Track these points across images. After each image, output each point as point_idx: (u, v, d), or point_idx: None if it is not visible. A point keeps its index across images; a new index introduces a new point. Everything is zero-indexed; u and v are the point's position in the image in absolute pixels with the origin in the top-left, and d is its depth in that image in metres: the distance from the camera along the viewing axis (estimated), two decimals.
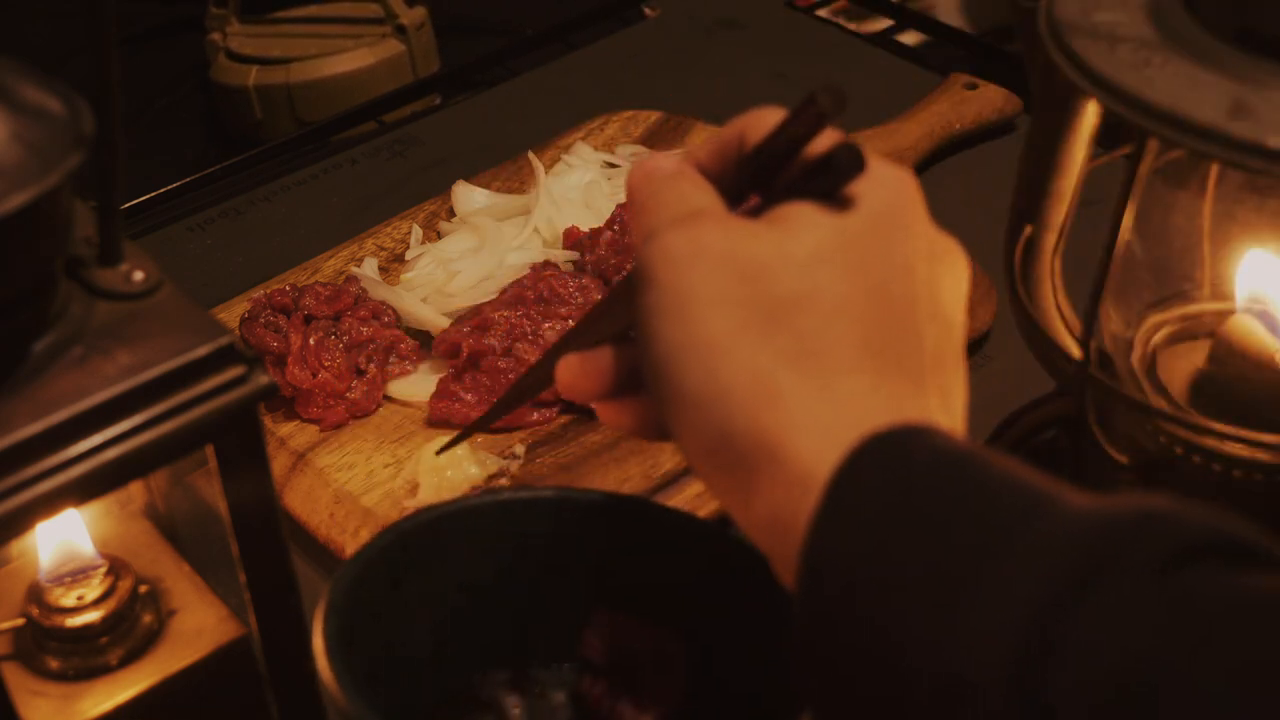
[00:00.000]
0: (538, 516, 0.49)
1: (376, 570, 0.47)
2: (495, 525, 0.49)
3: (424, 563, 0.48)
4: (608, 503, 0.50)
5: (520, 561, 0.50)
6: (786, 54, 1.04)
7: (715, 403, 0.38)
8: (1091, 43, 0.47)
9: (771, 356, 0.38)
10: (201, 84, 1.15)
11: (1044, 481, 0.35)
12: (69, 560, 0.49)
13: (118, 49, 0.38)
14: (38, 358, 0.39)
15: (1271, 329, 0.54)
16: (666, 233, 0.40)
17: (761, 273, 0.39)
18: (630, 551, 0.49)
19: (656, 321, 0.39)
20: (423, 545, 0.48)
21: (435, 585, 0.48)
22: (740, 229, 0.40)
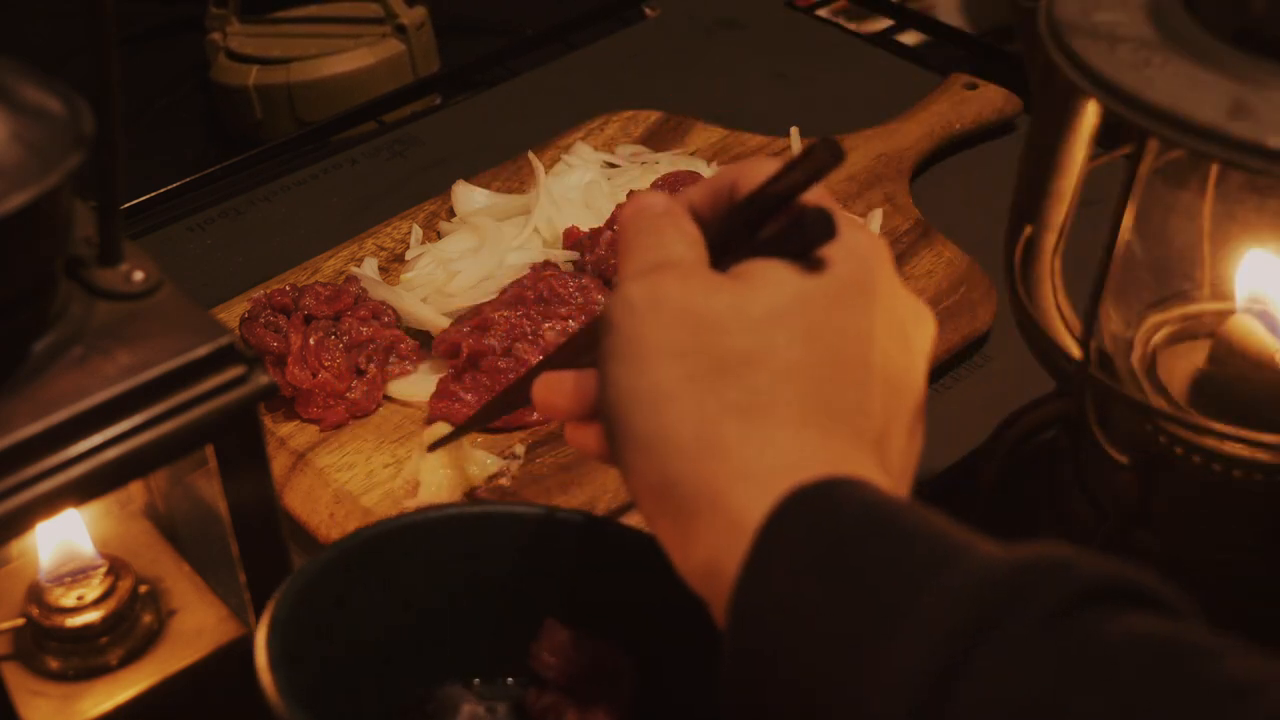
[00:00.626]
0: (483, 533, 0.50)
1: (320, 588, 0.46)
2: (440, 542, 0.49)
3: (368, 580, 0.48)
4: (556, 519, 0.50)
5: (467, 577, 0.50)
6: (786, 54, 1.04)
7: (660, 447, 0.39)
8: (1091, 43, 0.47)
9: (718, 407, 0.39)
10: (201, 84, 1.15)
11: (960, 534, 0.36)
12: (69, 560, 0.49)
13: (118, 49, 0.38)
14: (38, 358, 0.39)
15: (1271, 329, 0.54)
16: (631, 282, 0.42)
17: (715, 327, 0.40)
18: (579, 568, 0.50)
19: (612, 365, 0.41)
20: (366, 563, 0.48)
21: (380, 602, 0.49)
22: (701, 284, 0.41)
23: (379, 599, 0.49)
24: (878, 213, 0.83)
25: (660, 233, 0.43)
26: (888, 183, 0.86)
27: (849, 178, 0.87)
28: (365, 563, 0.48)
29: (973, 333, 0.76)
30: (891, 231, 0.82)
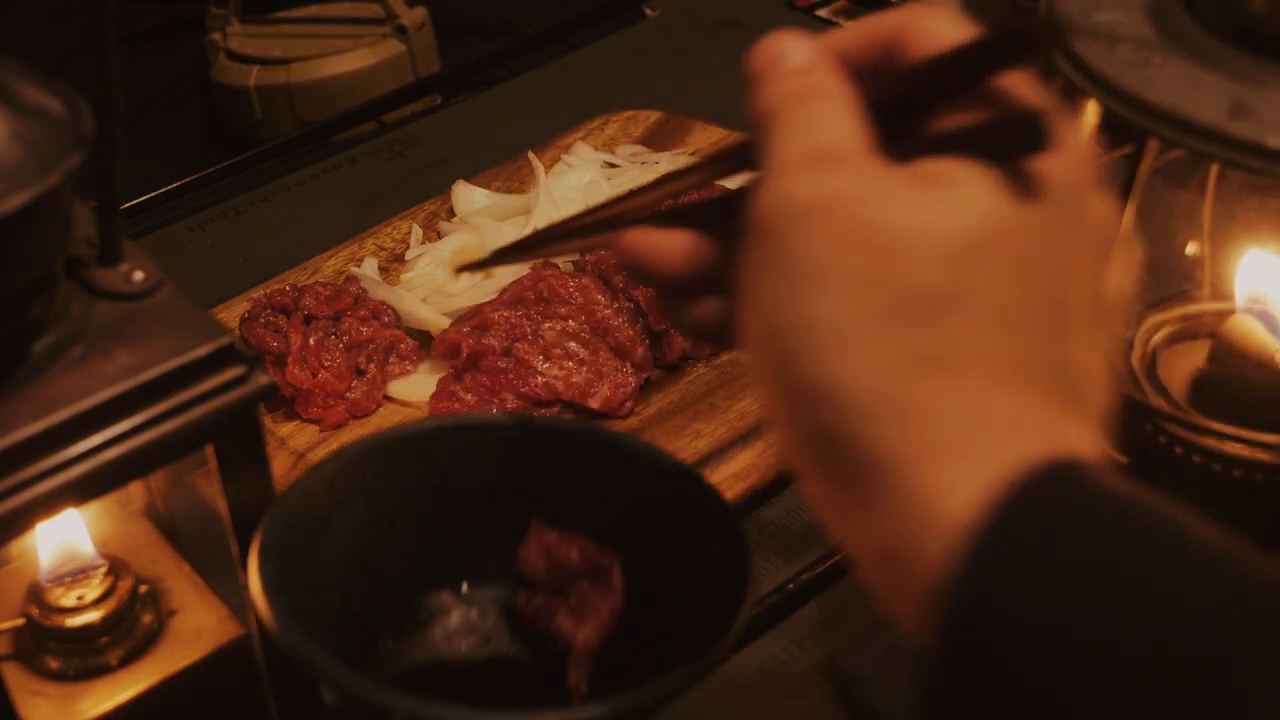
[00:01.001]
0: (461, 444, 0.49)
1: (304, 512, 0.46)
2: (419, 455, 0.49)
3: (351, 498, 0.48)
4: (532, 426, 0.50)
5: (448, 488, 0.50)
6: None
7: (828, 400, 0.32)
8: (1091, 43, 0.47)
9: (903, 358, 0.32)
10: (201, 84, 1.15)
11: (1238, 549, 0.30)
12: (69, 560, 0.49)
13: (118, 49, 0.38)
14: (38, 358, 0.39)
15: (1271, 329, 0.54)
16: (793, 174, 0.33)
17: (906, 252, 0.32)
18: (559, 472, 0.50)
19: (766, 284, 0.33)
20: (347, 482, 0.48)
21: (365, 519, 0.48)
22: (886, 186, 0.33)
23: (363, 516, 0.48)
24: None
25: (819, 110, 0.35)
26: None
27: None
28: (347, 481, 0.48)
29: None
30: None
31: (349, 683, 0.40)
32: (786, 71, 0.37)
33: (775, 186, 0.34)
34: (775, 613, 0.62)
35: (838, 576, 0.64)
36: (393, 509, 0.49)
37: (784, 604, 0.62)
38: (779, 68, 0.37)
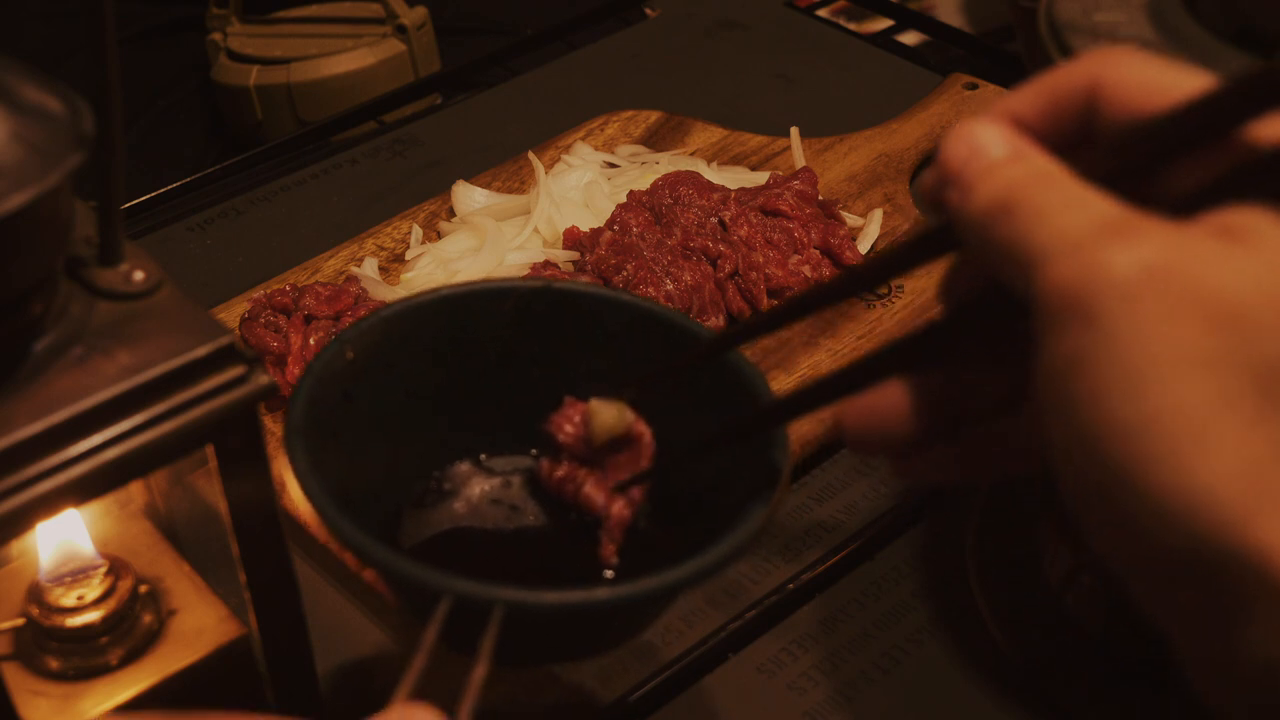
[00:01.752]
0: (479, 310, 0.49)
1: (327, 387, 0.46)
2: (437, 323, 0.49)
3: (371, 370, 0.48)
4: (552, 291, 0.50)
5: (467, 356, 0.50)
6: (786, 54, 1.04)
7: (1190, 506, 0.28)
8: (1091, 43, 0.47)
9: (1270, 443, 0.28)
10: (202, 84, 1.15)
11: None
12: (69, 560, 0.49)
13: (118, 49, 0.38)
14: (38, 358, 0.39)
15: None
16: (1093, 251, 0.29)
17: (1252, 320, 0.28)
18: (587, 342, 0.50)
19: (1088, 381, 0.29)
20: (367, 354, 0.48)
21: (385, 390, 0.49)
22: (1201, 249, 0.29)
23: (384, 387, 0.48)
24: (878, 213, 0.83)
25: (1060, 181, 0.32)
26: (888, 183, 0.86)
27: (849, 177, 0.87)
28: (366, 354, 0.48)
29: None
30: (891, 231, 0.82)
31: (400, 568, 0.41)
32: (998, 163, 0.33)
33: (1076, 268, 0.29)
34: (775, 613, 0.62)
35: (838, 576, 0.64)
36: (411, 379, 0.49)
37: (784, 604, 0.62)
38: (984, 160, 0.33)
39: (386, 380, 0.49)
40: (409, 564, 0.41)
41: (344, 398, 0.47)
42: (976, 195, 0.33)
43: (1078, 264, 0.29)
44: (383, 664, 0.61)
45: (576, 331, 0.50)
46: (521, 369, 0.51)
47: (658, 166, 0.86)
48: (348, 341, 0.47)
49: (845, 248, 0.78)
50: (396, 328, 0.49)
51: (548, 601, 0.40)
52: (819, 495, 0.68)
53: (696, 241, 0.75)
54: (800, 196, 0.80)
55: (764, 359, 0.73)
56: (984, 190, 0.33)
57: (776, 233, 0.77)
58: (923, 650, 0.61)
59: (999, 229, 0.32)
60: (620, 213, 0.77)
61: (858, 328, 0.75)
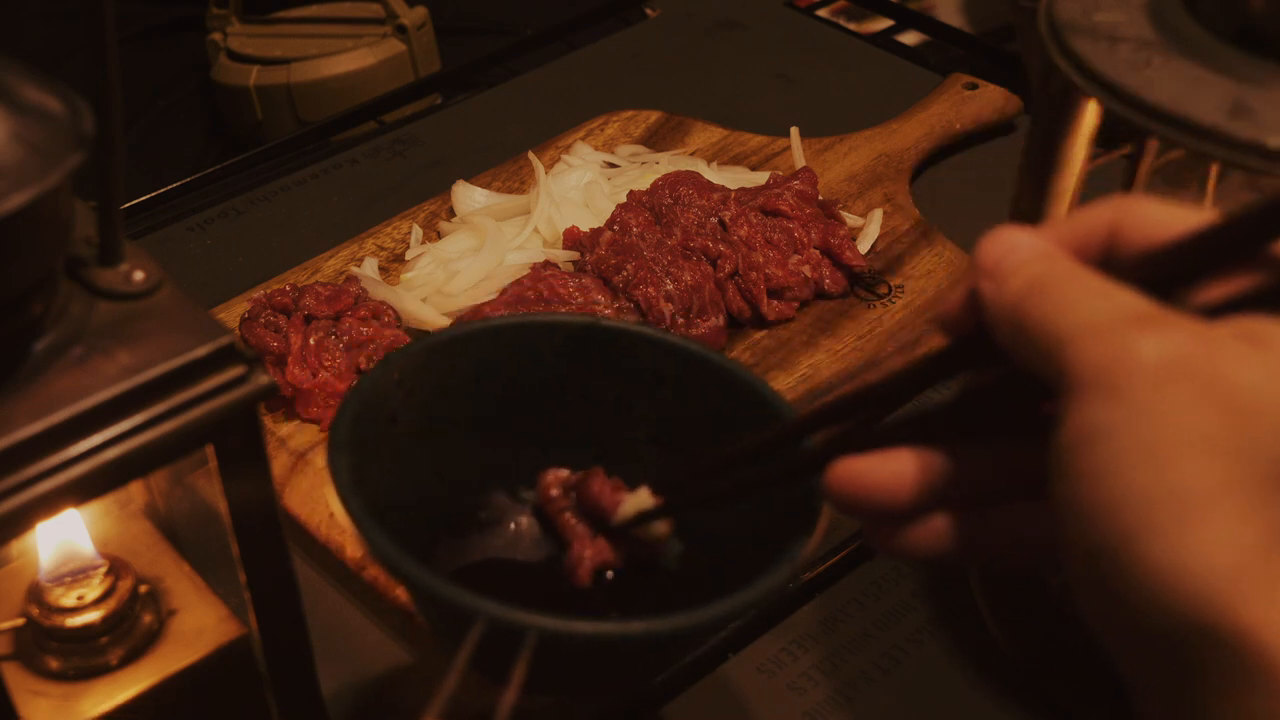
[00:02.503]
0: (532, 343, 0.50)
1: (373, 407, 0.47)
2: (489, 353, 0.50)
3: (418, 394, 0.49)
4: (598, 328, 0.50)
5: (513, 387, 0.51)
6: (786, 54, 1.04)
7: (1177, 578, 0.30)
8: (1091, 43, 0.47)
9: (1267, 532, 0.30)
10: (202, 84, 1.15)
11: None
12: (69, 560, 0.49)
13: (118, 49, 0.38)
14: (38, 358, 0.39)
15: None
16: (1126, 335, 0.31)
17: (1261, 414, 0.30)
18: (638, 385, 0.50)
19: (1107, 454, 0.31)
20: (416, 376, 0.49)
21: (431, 416, 0.49)
22: (1227, 347, 0.31)
23: (428, 413, 0.49)
24: (878, 213, 0.83)
25: (1089, 275, 0.34)
26: (888, 183, 0.86)
27: (849, 178, 0.87)
28: (413, 378, 0.49)
29: None
30: (891, 231, 0.82)
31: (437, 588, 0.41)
32: (1033, 258, 0.35)
33: (1108, 348, 0.31)
34: (775, 613, 0.62)
35: (838, 576, 0.64)
36: (456, 407, 0.50)
37: (784, 604, 0.62)
38: (1020, 255, 0.35)
39: (431, 406, 0.49)
40: (446, 585, 0.42)
41: (389, 420, 0.48)
42: (1012, 282, 0.35)
43: (1109, 344, 0.31)
44: (383, 664, 0.61)
45: (625, 371, 0.51)
46: (567, 404, 0.51)
47: (658, 166, 0.86)
48: (395, 364, 0.48)
49: (845, 248, 0.78)
50: (445, 355, 0.49)
51: (582, 631, 0.41)
52: None
53: (696, 241, 0.75)
54: (800, 196, 0.80)
55: (764, 359, 0.73)
56: (1020, 277, 0.35)
57: (776, 233, 0.77)
58: (923, 650, 0.61)
59: (1033, 311, 0.34)
60: (620, 213, 0.77)
61: (858, 328, 0.75)
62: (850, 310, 0.76)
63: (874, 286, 0.78)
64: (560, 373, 0.51)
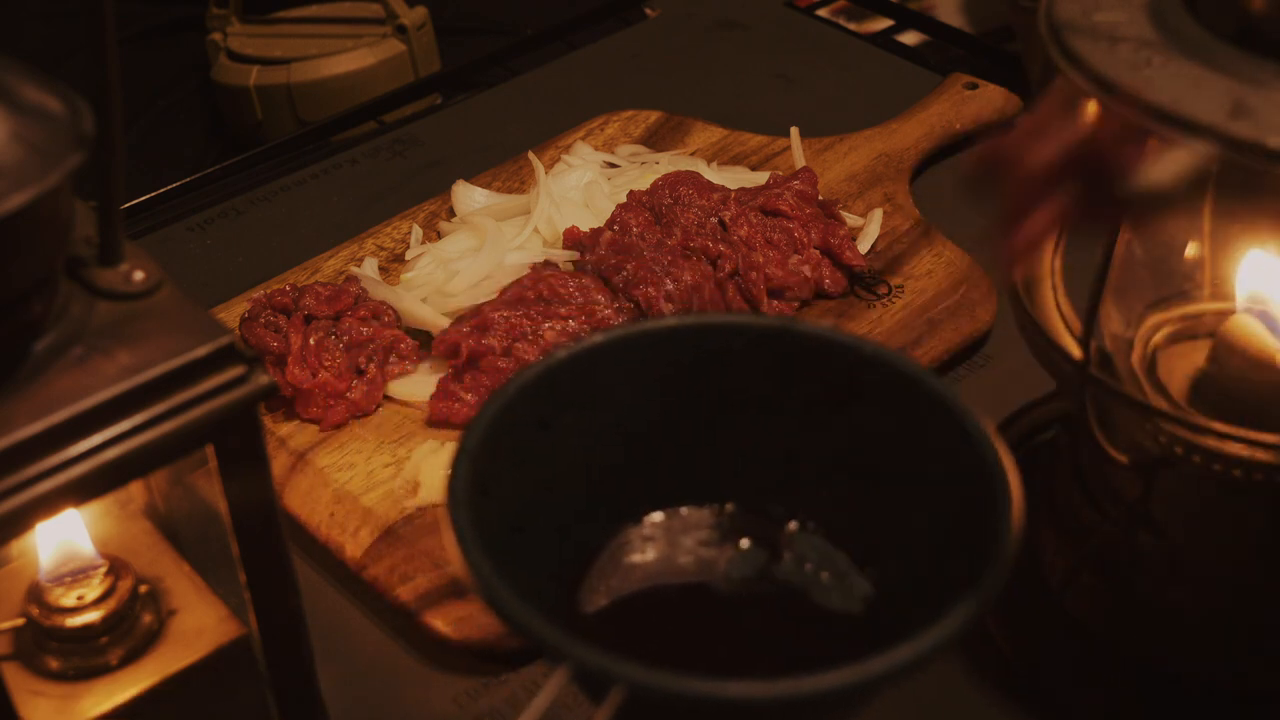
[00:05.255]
0: (711, 348, 0.45)
1: (520, 412, 0.43)
2: (661, 356, 0.45)
3: (579, 399, 0.44)
4: (793, 332, 0.45)
5: (687, 398, 0.46)
6: (786, 54, 1.04)
7: None
8: (1091, 43, 0.47)
9: None
10: (202, 84, 1.16)
11: None
12: (69, 560, 0.49)
13: (118, 49, 0.38)
14: (38, 358, 0.39)
15: (1271, 329, 0.54)
16: None
17: None
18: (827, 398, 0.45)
19: None
20: (577, 381, 0.44)
21: (589, 424, 0.45)
22: None
23: (586, 420, 0.45)
24: (878, 213, 0.83)
25: None
26: (888, 183, 0.86)
27: (849, 177, 0.87)
28: (575, 380, 0.44)
29: (973, 333, 0.76)
30: (891, 231, 0.82)
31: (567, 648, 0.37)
32: None
33: None
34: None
35: None
36: (618, 415, 0.46)
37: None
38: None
39: (591, 413, 0.45)
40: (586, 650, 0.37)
41: (540, 425, 0.44)
42: None
43: None
44: (383, 664, 0.61)
45: (815, 382, 0.45)
46: (741, 418, 0.46)
47: (658, 166, 0.86)
48: (553, 367, 0.44)
49: (845, 248, 0.78)
50: (612, 355, 0.45)
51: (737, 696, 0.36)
52: None
53: (696, 241, 0.75)
54: (800, 196, 0.80)
55: None
56: None
57: (776, 233, 0.77)
58: None
59: None
60: (620, 213, 0.77)
61: (858, 328, 0.75)
62: (850, 310, 0.76)
63: (874, 286, 0.78)
64: (742, 382, 0.46)
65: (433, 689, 0.60)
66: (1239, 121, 0.43)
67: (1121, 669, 0.58)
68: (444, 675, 0.61)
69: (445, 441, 0.68)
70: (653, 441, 0.46)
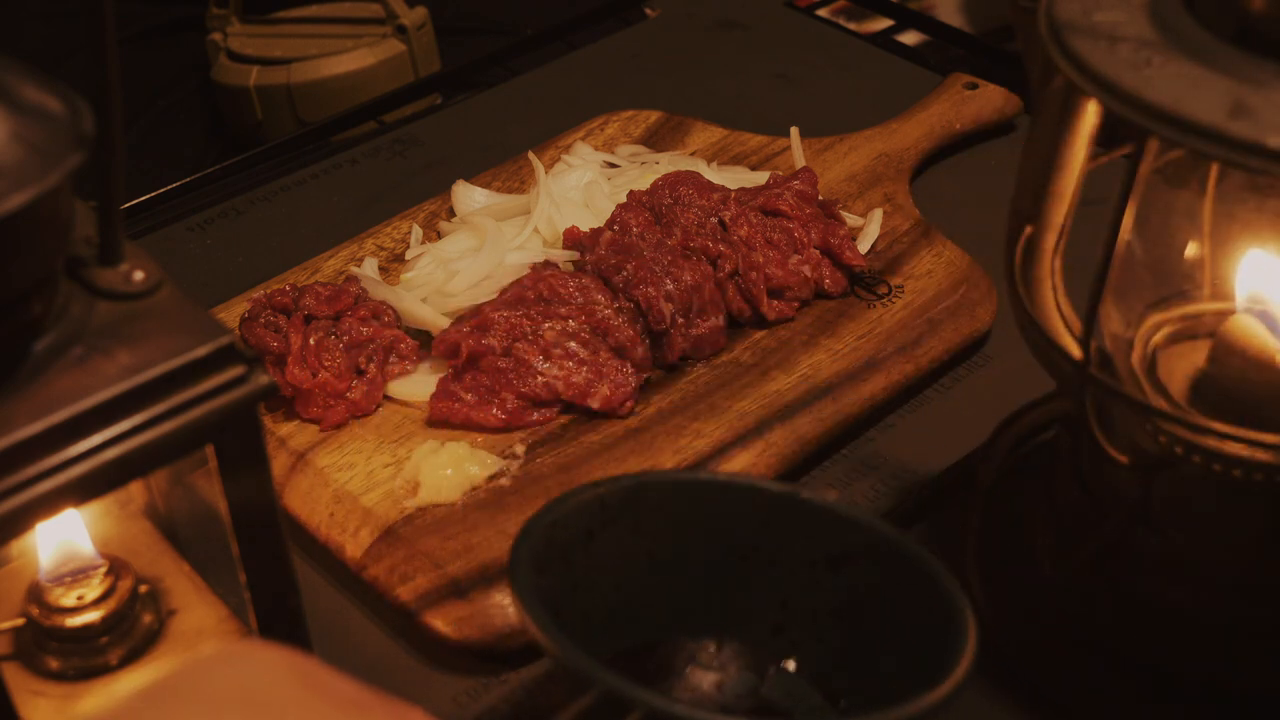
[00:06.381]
0: (737, 504, 0.53)
1: (575, 517, 0.51)
2: (696, 504, 0.53)
3: (619, 524, 0.52)
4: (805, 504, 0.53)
5: (711, 543, 0.53)
6: (786, 54, 1.04)
7: None
8: (1091, 43, 0.47)
9: None
10: (202, 84, 1.15)
11: None
12: (69, 560, 0.49)
13: (118, 49, 0.38)
14: (38, 358, 0.39)
15: (1271, 329, 0.54)
16: None
17: None
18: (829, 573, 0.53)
19: None
20: (622, 508, 0.52)
21: (624, 547, 0.52)
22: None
23: (624, 544, 0.52)
24: (878, 213, 0.83)
25: None
26: (888, 183, 0.86)
27: (849, 178, 0.87)
28: (622, 507, 0.52)
29: (973, 333, 0.76)
30: (891, 231, 0.82)
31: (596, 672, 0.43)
32: None
33: None
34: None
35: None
36: (652, 546, 0.53)
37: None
38: None
39: (629, 538, 0.53)
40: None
41: (586, 534, 0.51)
42: None
43: None
44: (383, 664, 0.61)
45: (818, 550, 0.53)
46: (747, 565, 0.54)
47: (658, 166, 0.86)
48: (610, 491, 0.52)
49: (845, 248, 0.78)
50: (658, 495, 0.53)
51: None
52: None
53: (696, 241, 0.75)
54: (800, 196, 0.80)
55: (764, 359, 0.73)
56: None
57: (776, 233, 0.77)
58: None
59: None
60: (620, 213, 0.77)
61: (858, 328, 0.75)
62: (850, 310, 0.76)
63: (874, 286, 0.78)
64: (764, 537, 0.53)
65: (433, 689, 0.60)
66: (1239, 121, 0.43)
67: (1121, 669, 0.58)
68: (444, 675, 0.61)
69: (445, 441, 0.68)
70: (674, 570, 0.54)
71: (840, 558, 0.52)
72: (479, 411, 0.69)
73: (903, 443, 0.72)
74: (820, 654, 0.53)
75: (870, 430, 0.72)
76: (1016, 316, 0.56)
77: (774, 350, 0.74)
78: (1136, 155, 0.49)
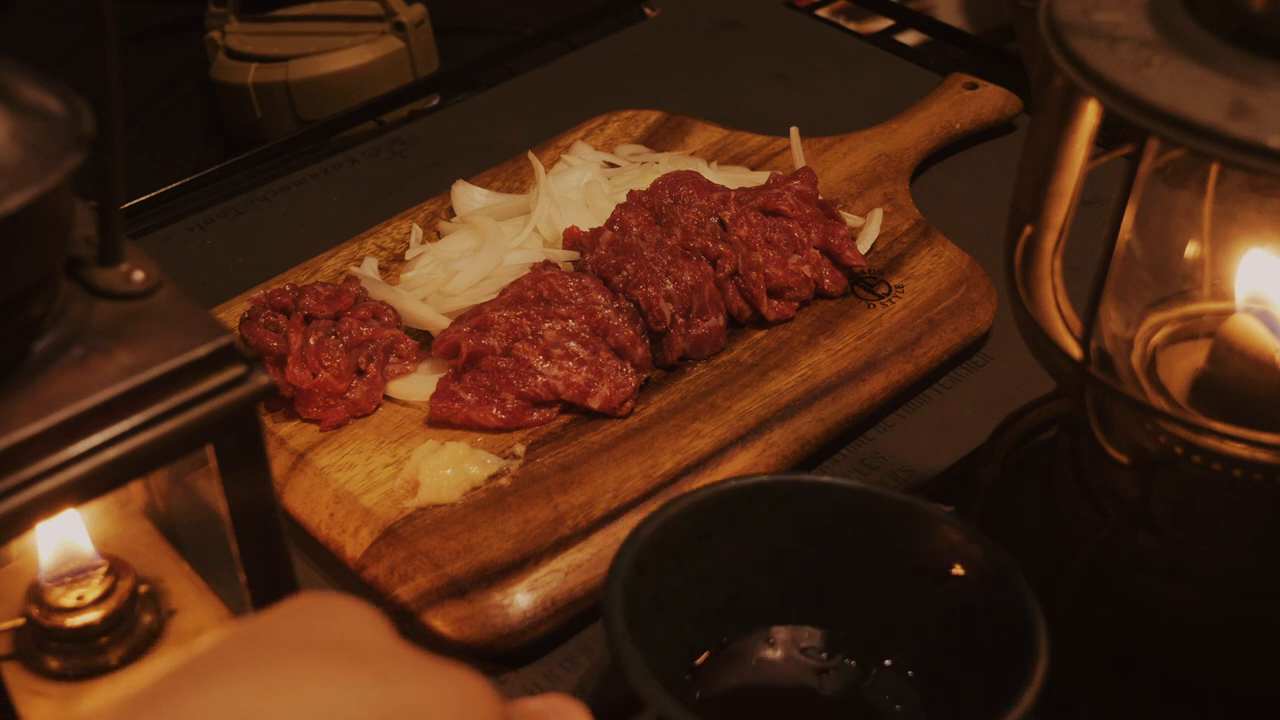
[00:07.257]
0: (853, 506, 0.55)
1: (687, 520, 0.54)
2: (801, 502, 0.55)
3: (735, 524, 0.55)
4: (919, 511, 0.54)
5: (823, 539, 0.56)
6: (786, 54, 1.04)
7: None
8: (1091, 43, 0.47)
9: None
10: (201, 84, 1.15)
11: None
12: (69, 560, 0.49)
13: (118, 49, 0.38)
14: (38, 358, 0.39)
15: (1271, 329, 0.54)
16: None
17: None
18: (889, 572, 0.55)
19: None
20: (740, 507, 0.55)
21: (736, 545, 0.55)
22: None
23: (741, 539, 0.55)
24: (878, 213, 0.83)
25: None
26: (888, 183, 0.86)
27: (849, 178, 0.87)
28: (735, 506, 0.55)
29: (973, 333, 0.76)
30: (891, 231, 0.82)
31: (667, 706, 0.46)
32: None
33: None
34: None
35: None
36: (768, 541, 0.56)
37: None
38: None
39: (747, 535, 0.55)
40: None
41: (702, 535, 0.54)
42: None
43: None
44: None
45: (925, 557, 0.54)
46: (860, 568, 0.56)
47: (658, 166, 0.86)
48: (723, 493, 0.54)
49: (845, 248, 0.78)
50: (769, 496, 0.55)
51: None
52: None
53: (696, 241, 0.75)
54: (800, 196, 0.80)
55: (764, 359, 0.73)
56: None
57: (776, 233, 0.77)
58: None
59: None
60: (620, 213, 0.77)
61: (858, 328, 0.75)
62: (850, 310, 0.76)
63: (874, 286, 0.78)
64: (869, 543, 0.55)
65: None
66: (1239, 121, 0.43)
67: (1121, 668, 0.58)
68: None
69: (445, 441, 0.68)
70: (790, 569, 0.56)
71: (945, 572, 0.54)
72: (479, 411, 0.69)
73: (903, 443, 0.72)
74: (920, 658, 0.55)
75: (870, 430, 0.72)
76: (1016, 316, 0.56)
77: (774, 350, 0.74)
78: (1136, 155, 0.49)
